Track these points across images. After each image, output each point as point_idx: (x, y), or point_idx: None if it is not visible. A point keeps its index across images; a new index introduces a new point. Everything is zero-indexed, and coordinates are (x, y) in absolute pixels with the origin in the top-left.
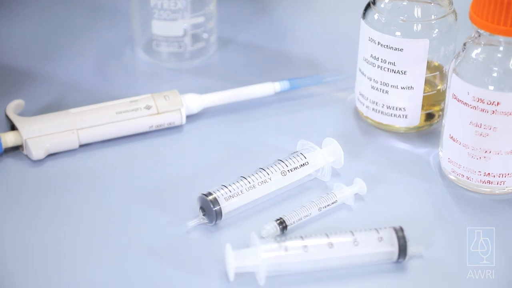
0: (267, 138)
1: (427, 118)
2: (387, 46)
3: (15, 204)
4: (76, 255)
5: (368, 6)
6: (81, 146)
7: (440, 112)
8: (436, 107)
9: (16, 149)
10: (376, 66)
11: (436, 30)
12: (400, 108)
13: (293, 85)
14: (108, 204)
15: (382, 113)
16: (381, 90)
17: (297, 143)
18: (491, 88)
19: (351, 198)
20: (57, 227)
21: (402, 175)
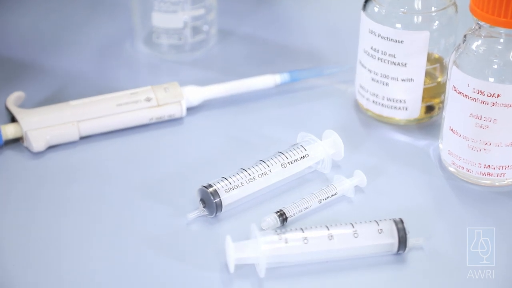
0: (267, 130)
1: (427, 110)
2: (387, 38)
3: (15, 196)
4: (76, 247)
5: None
6: (81, 138)
7: (440, 104)
8: (436, 99)
9: (16, 141)
10: (377, 58)
11: (436, 22)
12: (400, 100)
13: (294, 77)
14: (108, 196)
15: (382, 105)
16: (381, 82)
17: (297, 135)
18: (491, 80)
19: (351, 190)
20: (57, 219)
21: (402, 167)
